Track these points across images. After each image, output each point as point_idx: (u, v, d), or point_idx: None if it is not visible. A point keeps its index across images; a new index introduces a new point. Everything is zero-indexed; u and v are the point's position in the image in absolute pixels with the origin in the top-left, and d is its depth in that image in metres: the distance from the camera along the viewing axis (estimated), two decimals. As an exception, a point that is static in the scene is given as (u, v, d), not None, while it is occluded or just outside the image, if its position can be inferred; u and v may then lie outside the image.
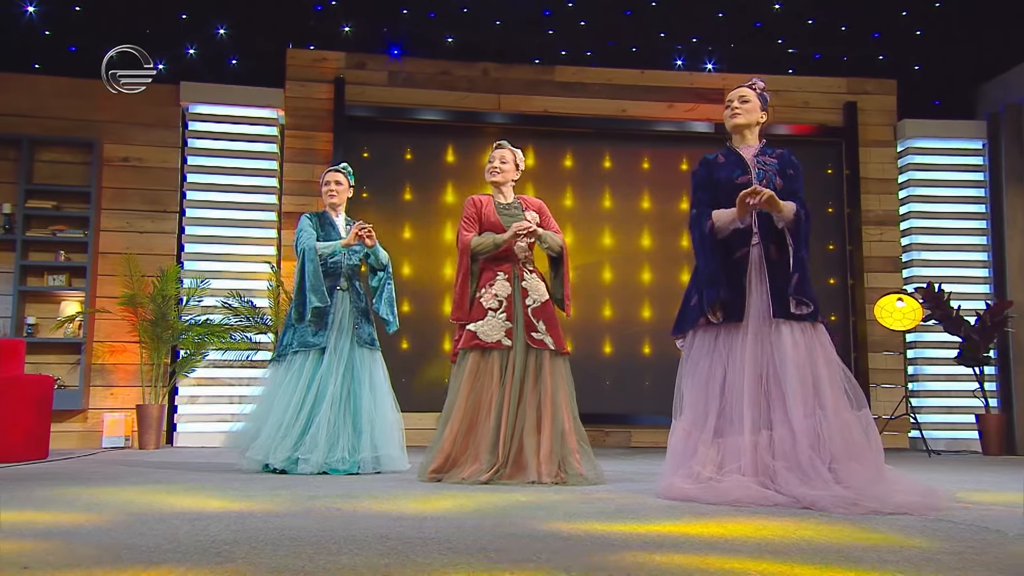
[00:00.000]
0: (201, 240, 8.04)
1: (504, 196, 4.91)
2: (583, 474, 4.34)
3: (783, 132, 8.90)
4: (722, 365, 3.72)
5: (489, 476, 4.24)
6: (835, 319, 8.81)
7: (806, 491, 3.33)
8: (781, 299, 3.72)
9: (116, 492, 3.79)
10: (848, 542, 2.58)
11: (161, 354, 7.52)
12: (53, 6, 8.05)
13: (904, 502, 3.27)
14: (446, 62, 8.64)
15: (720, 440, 3.64)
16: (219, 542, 2.41)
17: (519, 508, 3.30)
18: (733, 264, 3.84)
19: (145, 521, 2.84)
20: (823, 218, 8.95)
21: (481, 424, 4.41)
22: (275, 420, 5.04)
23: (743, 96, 4.08)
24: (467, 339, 4.57)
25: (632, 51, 9.10)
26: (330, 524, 2.80)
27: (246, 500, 3.51)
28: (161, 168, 8.06)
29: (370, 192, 8.35)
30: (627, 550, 2.39)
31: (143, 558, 2.18)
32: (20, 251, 7.61)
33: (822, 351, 3.69)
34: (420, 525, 2.82)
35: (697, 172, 4.06)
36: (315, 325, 5.19)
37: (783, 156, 4.03)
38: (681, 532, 2.73)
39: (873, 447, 3.55)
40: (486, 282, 4.67)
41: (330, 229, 5.44)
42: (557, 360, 4.60)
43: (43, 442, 6.24)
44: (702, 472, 3.56)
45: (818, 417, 3.51)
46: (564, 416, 4.45)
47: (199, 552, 2.27)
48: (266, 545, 2.37)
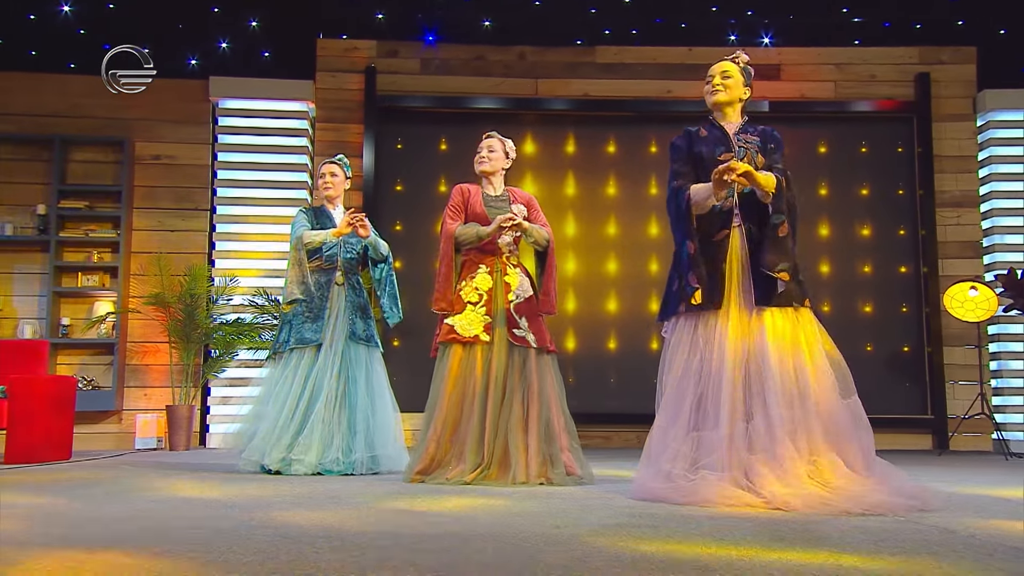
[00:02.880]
0: (232, 238, 7.76)
1: (493, 187, 4.60)
2: (576, 474, 4.14)
3: (848, 110, 8.08)
4: (699, 354, 3.41)
5: (474, 476, 4.03)
6: (906, 310, 7.94)
7: (779, 489, 3.06)
8: (763, 286, 3.41)
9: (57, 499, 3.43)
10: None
11: (191, 354, 7.25)
12: (88, 5, 7.85)
13: (881, 501, 2.99)
14: (481, 47, 8.12)
15: (696, 434, 3.32)
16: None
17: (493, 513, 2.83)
18: (713, 247, 3.51)
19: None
20: (892, 200, 8.10)
21: (464, 423, 4.17)
22: (271, 420, 4.81)
23: (726, 71, 3.80)
24: (445, 332, 4.30)
25: (681, 27, 8.37)
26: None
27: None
28: (192, 165, 7.79)
29: (404, 184, 7.90)
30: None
31: None
32: (54, 252, 7.45)
33: (806, 336, 3.40)
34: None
35: (677, 144, 3.74)
36: (309, 321, 4.92)
37: (764, 132, 3.76)
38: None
39: (862, 438, 3.26)
40: (467, 274, 4.40)
41: (326, 221, 5.15)
42: (543, 357, 4.34)
43: (65, 443, 6.03)
44: (672, 470, 3.27)
45: (798, 407, 3.21)
46: (553, 414, 4.20)
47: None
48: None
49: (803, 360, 3.33)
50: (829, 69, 8.19)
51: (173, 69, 7.93)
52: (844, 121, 8.18)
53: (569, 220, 8.01)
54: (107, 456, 6.24)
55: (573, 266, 7.95)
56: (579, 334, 7.88)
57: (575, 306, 7.92)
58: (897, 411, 7.80)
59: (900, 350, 7.93)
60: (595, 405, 7.47)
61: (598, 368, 7.81)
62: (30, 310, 7.54)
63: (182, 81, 7.87)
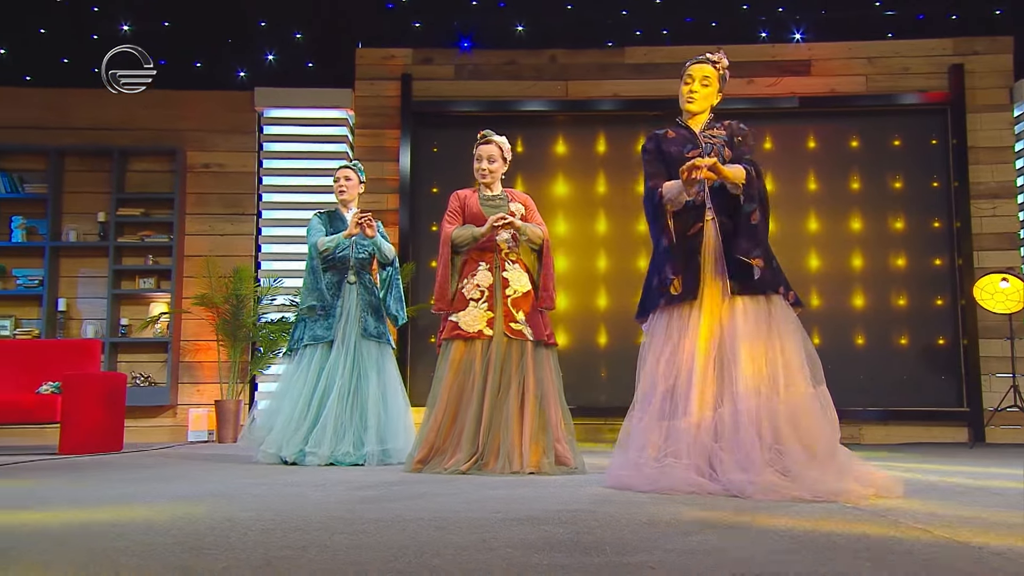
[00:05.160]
0: (277, 240, 7.95)
1: (491, 188, 4.66)
2: (569, 464, 4.17)
3: (880, 103, 7.87)
4: (672, 345, 3.39)
5: (469, 465, 4.08)
6: (941, 303, 7.70)
7: (738, 477, 3.05)
8: (738, 275, 3.38)
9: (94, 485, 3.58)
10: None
11: (238, 351, 7.45)
12: (145, 24, 8.13)
13: (835, 488, 2.95)
14: (512, 51, 8.15)
15: (666, 422, 3.30)
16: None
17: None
18: (687, 241, 3.49)
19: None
20: (927, 193, 7.87)
21: (462, 414, 4.24)
22: (287, 413, 4.94)
23: (706, 78, 3.72)
24: (449, 329, 4.37)
25: (712, 26, 8.26)
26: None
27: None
28: (239, 172, 8.02)
29: (439, 186, 7.97)
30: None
31: None
32: (113, 256, 7.75)
33: (778, 325, 3.35)
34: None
35: (647, 147, 3.71)
36: (322, 319, 5.05)
37: (731, 126, 3.69)
38: None
39: (827, 428, 3.21)
40: (469, 273, 4.45)
41: (339, 224, 5.27)
42: (540, 350, 4.36)
43: (117, 435, 6.27)
44: (640, 459, 3.27)
45: (764, 396, 3.17)
46: (550, 405, 4.24)
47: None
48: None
49: (774, 348, 3.29)
50: (860, 63, 7.99)
51: (222, 81, 8.19)
52: (876, 115, 7.97)
53: (600, 218, 7.98)
54: (152, 449, 6.44)
55: (604, 263, 7.92)
56: (610, 330, 7.85)
57: (607, 303, 7.89)
58: (932, 404, 7.58)
59: (935, 343, 7.70)
60: (587, 399, 7.44)
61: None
62: (93, 311, 7.85)
63: (230, 93, 8.10)
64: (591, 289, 7.91)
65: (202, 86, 8.15)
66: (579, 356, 7.73)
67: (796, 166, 7.97)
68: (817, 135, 8.01)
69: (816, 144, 8.00)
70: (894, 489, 3.08)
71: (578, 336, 7.83)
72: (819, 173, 7.95)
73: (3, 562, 1.85)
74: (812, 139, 8.00)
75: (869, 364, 7.69)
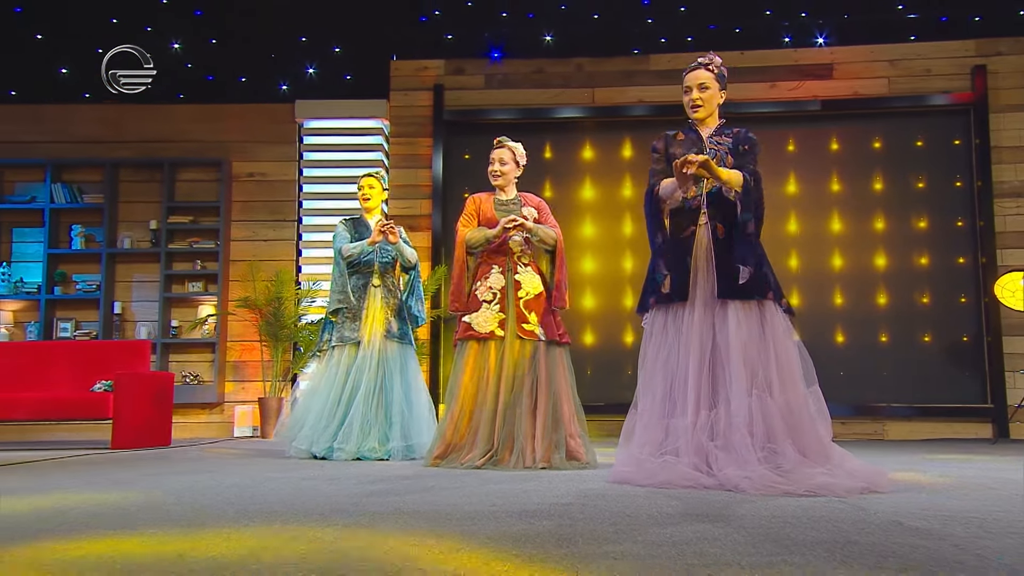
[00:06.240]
0: (316, 245, 8.13)
1: (506, 192, 4.73)
2: (581, 459, 4.24)
3: (903, 105, 7.80)
4: (668, 347, 3.47)
5: (484, 461, 4.17)
6: (965, 301, 7.61)
7: (732, 472, 3.11)
8: (727, 278, 3.40)
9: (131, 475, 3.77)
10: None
11: (280, 351, 7.66)
12: (194, 41, 8.38)
13: (825, 483, 2.99)
14: (540, 60, 8.25)
15: (666, 421, 3.39)
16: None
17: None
18: (680, 243, 3.54)
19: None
20: (950, 192, 7.78)
21: (478, 412, 4.33)
22: (317, 411, 5.10)
23: (703, 83, 3.67)
24: (462, 330, 4.48)
25: (736, 32, 8.26)
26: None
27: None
28: (281, 181, 8.23)
29: (471, 191, 8.03)
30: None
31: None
32: (164, 262, 8.01)
33: (770, 329, 3.37)
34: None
35: (655, 145, 3.76)
36: (348, 320, 5.20)
37: (738, 135, 3.64)
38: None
39: (819, 426, 3.28)
40: (482, 275, 4.54)
41: (363, 230, 5.41)
42: (553, 350, 4.43)
43: (165, 431, 6.49)
44: (640, 455, 3.35)
45: (757, 396, 3.22)
46: (562, 403, 4.31)
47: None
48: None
49: (767, 352, 3.33)
50: (882, 66, 7.93)
51: (265, 95, 8.42)
52: (899, 116, 7.89)
53: (627, 220, 8.04)
54: (198, 445, 6.64)
55: (630, 264, 7.96)
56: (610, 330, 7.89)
57: (633, 303, 7.92)
58: (956, 400, 7.50)
59: (959, 340, 7.61)
60: (614, 396, 7.47)
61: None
62: (146, 313, 8.13)
63: (271, 105, 8.33)
64: (618, 290, 7.97)
65: (246, 99, 8.39)
66: (606, 355, 7.79)
67: (819, 168, 7.93)
68: (840, 137, 7.96)
69: (839, 146, 7.96)
70: (884, 484, 3.10)
71: (605, 335, 7.89)
72: (842, 174, 7.91)
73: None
74: (835, 141, 7.95)
75: (893, 361, 7.63)
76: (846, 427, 7.54)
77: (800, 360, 3.35)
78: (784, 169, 7.91)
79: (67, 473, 4.03)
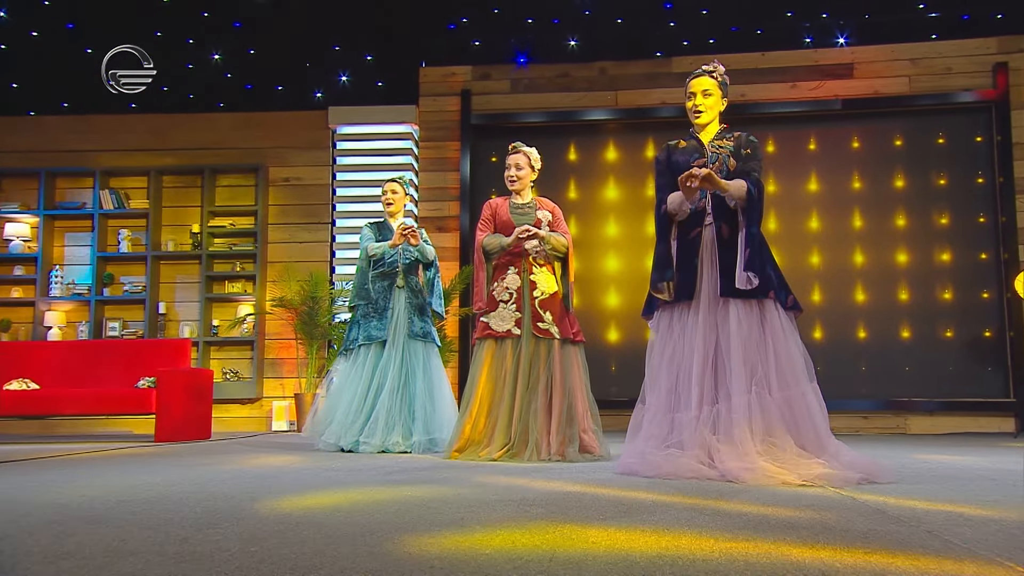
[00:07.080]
0: (349, 247, 8.28)
1: (521, 196, 4.81)
2: (595, 452, 4.33)
3: (924, 103, 7.74)
4: (673, 344, 3.55)
5: (501, 454, 4.28)
6: (987, 296, 7.54)
7: (733, 464, 3.16)
8: (729, 277, 3.47)
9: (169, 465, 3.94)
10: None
11: (315, 349, 7.84)
12: (233, 52, 8.58)
13: (822, 473, 3.05)
14: (564, 65, 8.33)
15: (671, 415, 3.48)
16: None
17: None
18: (688, 244, 3.62)
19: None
20: (972, 189, 7.71)
21: (495, 407, 4.45)
22: (345, 407, 5.23)
23: (706, 89, 3.75)
24: (481, 329, 4.60)
25: (757, 34, 8.26)
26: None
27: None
28: (315, 185, 8.41)
29: (497, 193, 8.13)
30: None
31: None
32: (205, 264, 8.24)
33: (770, 327, 3.43)
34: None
35: (658, 157, 3.83)
36: (375, 319, 5.33)
37: (740, 139, 3.70)
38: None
39: (817, 420, 3.33)
40: (499, 276, 4.66)
41: (387, 233, 5.56)
42: (567, 348, 4.53)
43: (205, 425, 6.70)
44: (645, 447, 3.45)
45: (756, 393, 3.29)
46: (577, 399, 4.41)
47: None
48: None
49: (766, 350, 3.38)
50: (903, 64, 7.87)
51: (299, 102, 8.61)
52: (919, 114, 7.83)
53: (649, 220, 8.04)
54: (234, 438, 6.84)
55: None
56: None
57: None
58: (979, 395, 7.44)
59: (981, 335, 7.54)
60: (637, 392, 7.49)
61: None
62: (188, 313, 8.37)
63: (306, 112, 8.51)
64: (642, 287, 7.84)
65: (282, 107, 8.58)
66: (631, 351, 7.83)
67: (841, 166, 7.90)
68: (861, 136, 7.92)
69: (860, 144, 7.92)
70: (882, 475, 3.14)
71: (629, 333, 7.94)
72: (863, 172, 7.87)
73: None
74: (856, 139, 7.92)
75: (916, 357, 7.59)
76: (868, 421, 7.52)
77: (800, 357, 3.39)
78: (806, 168, 7.90)
79: (167, 463, 4.21)
